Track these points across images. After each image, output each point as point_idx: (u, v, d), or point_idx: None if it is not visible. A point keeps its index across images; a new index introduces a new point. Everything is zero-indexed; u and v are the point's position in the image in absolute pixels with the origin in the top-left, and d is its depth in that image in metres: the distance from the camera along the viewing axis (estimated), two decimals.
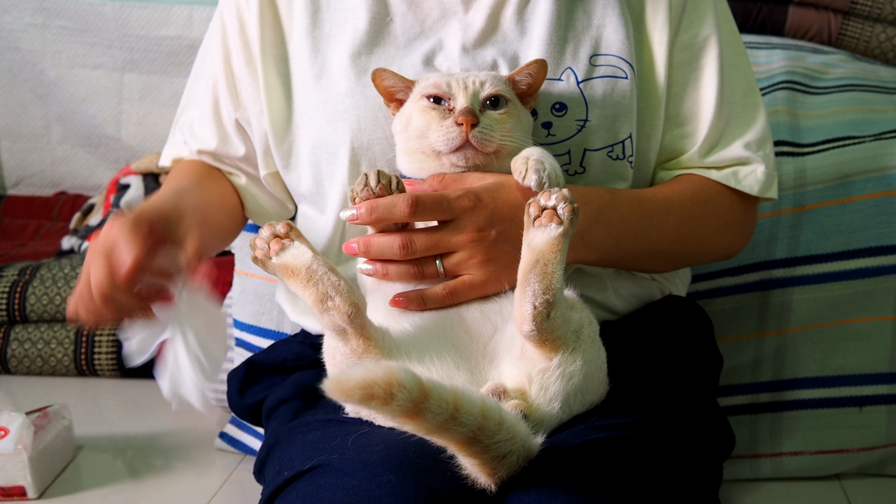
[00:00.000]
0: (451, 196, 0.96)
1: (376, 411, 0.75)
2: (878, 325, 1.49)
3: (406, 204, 0.93)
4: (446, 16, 1.14)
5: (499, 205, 0.98)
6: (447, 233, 0.96)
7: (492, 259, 0.98)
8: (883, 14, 2.01)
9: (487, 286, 0.98)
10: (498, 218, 0.97)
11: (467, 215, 0.96)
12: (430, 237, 0.96)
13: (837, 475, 1.49)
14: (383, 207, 0.94)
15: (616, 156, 1.12)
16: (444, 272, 0.98)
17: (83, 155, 2.74)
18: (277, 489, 0.96)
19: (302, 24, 1.15)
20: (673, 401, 1.06)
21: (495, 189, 0.98)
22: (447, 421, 0.77)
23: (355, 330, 0.90)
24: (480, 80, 1.02)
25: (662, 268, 1.19)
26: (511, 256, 0.97)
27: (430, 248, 0.96)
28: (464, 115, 0.99)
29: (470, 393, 0.80)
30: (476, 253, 0.97)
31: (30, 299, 2.05)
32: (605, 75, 1.11)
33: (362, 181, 0.95)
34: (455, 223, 0.96)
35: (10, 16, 2.66)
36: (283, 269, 0.91)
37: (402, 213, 0.93)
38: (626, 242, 1.08)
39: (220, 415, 1.79)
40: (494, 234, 0.97)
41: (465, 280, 0.98)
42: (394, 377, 0.74)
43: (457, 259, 0.97)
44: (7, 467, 1.45)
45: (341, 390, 0.73)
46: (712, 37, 1.16)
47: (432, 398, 0.76)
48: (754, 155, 1.18)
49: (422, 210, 0.94)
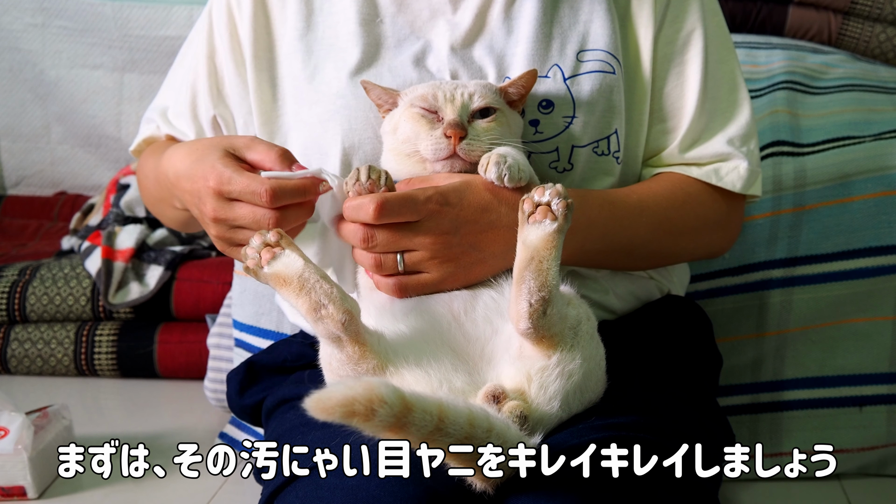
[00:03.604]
0: (418, 198, 0.96)
1: (359, 427, 0.75)
2: (878, 325, 1.49)
3: (372, 207, 0.94)
4: (435, 16, 1.14)
5: (464, 207, 0.98)
6: (411, 233, 0.97)
7: (451, 260, 0.98)
8: (883, 14, 2.01)
9: (443, 285, 0.99)
10: (462, 221, 0.98)
11: (433, 218, 0.97)
12: (393, 235, 0.97)
13: (837, 475, 1.49)
14: (351, 208, 0.96)
15: (601, 151, 1.12)
16: (403, 267, 0.98)
17: (83, 155, 2.74)
18: (277, 489, 0.96)
19: (296, 28, 1.16)
20: (672, 401, 1.06)
21: (462, 190, 0.99)
22: (433, 432, 0.77)
23: (350, 337, 0.90)
24: (469, 92, 1.03)
25: (637, 266, 1.18)
26: (471, 258, 0.99)
27: (391, 245, 0.97)
28: (452, 128, 1.00)
29: (455, 403, 0.80)
30: (437, 254, 0.98)
31: (30, 299, 2.05)
32: (593, 70, 1.11)
33: (354, 175, 0.97)
34: (420, 224, 0.97)
35: (10, 16, 2.66)
36: (275, 278, 0.90)
37: (367, 216, 0.95)
38: (593, 244, 1.08)
39: (220, 415, 1.79)
40: (458, 237, 0.98)
41: (420, 279, 0.99)
42: (374, 393, 0.74)
43: (418, 257, 0.98)
44: (7, 467, 1.45)
45: (322, 409, 0.73)
46: (697, 31, 1.16)
47: (415, 411, 0.76)
48: (737, 151, 1.17)
49: (388, 213, 0.95)
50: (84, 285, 2.06)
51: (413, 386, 0.89)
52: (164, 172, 1.10)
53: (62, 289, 2.06)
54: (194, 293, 2.04)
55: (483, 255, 0.99)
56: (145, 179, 1.25)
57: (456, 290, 1.00)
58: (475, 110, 1.03)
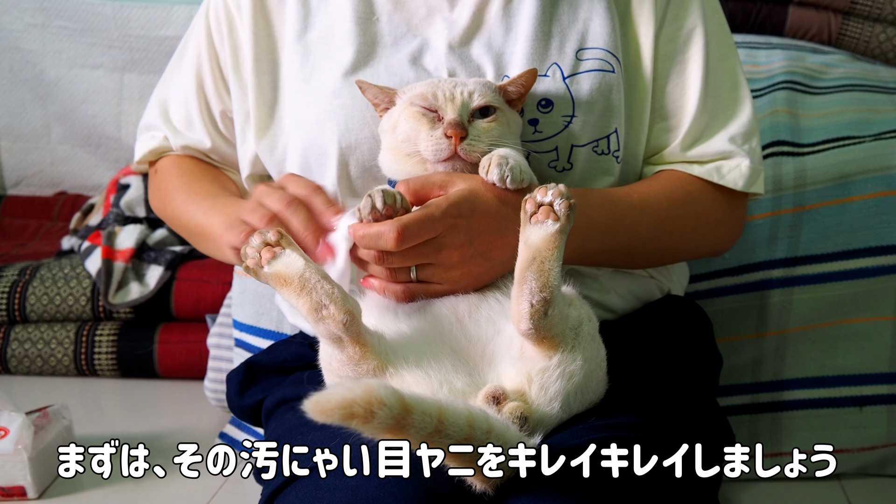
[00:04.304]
0: (435, 216, 0.95)
1: (358, 429, 0.75)
2: (878, 325, 1.49)
3: (393, 236, 0.92)
4: (432, 14, 1.13)
5: (476, 217, 0.97)
6: (428, 248, 0.96)
7: (465, 271, 0.98)
8: (883, 14, 2.01)
9: (451, 293, 0.99)
10: (476, 232, 0.97)
11: (450, 233, 0.96)
12: (410, 252, 0.95)
13: (837, 475, 1.49)
14: (370, 237, 0.93)
15: (601, 151, 1.12)
16: (416, 277, 0.98)
17: (83, 155, 2.74)
18: (277, 489, 0.96)
19: (294, 29, 1.15)
20: (672, 401, 1.05)
21: (472, 200, 0.97)
22: (432, 434, 0.77)
23: (351, 337, 0.89)
24: (469, 91, 1.02)
25: (638, 265, 1.18)
26: (482, 268, 0.99)
27: (408, 262, 0.96)
28: (453, 128, 0.99)
29: (455, 404, 0.80)
30: (453, 266, 0.98)
31: (30, 299, 2.05)
32: (592, 69, 1.11)
33: (368, 204, 0.94)
34: (439, 240, 0.96)
35: (10, 16, 2.66)
36: (275, 278, 0.90)
37: (388, 244, 0.93)
38: (594, 244, 1.07)
39: (220, 415, 1.79)
40: (472, 248, 0.97)
41: (429, 288, 0.99)
42: (373, 395, 0.74)
43: (431, 271, 0.98)
44: (7, 467, 1.45)
45: (321, 411, 0.72)
46: (698, 28, 1.16)
47: (415, 413, 0.76)
48: (739, 149, 1.16)
49: (409, 239, 0.93)
50: (84, 285, 2.06)
51: (413, 387, 0.89)
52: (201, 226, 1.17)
53: (62, 289, 2.06)
54: (194, 293, 2.04)
55: (493, 264, 0.99)
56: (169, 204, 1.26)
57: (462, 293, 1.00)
58: (475, 109, 1.02)
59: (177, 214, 1.24)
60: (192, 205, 1.20)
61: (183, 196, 1.23)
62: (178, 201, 1.23)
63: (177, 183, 1.25)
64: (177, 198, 1.24)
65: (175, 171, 1.27)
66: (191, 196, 1.21)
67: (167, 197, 1.26)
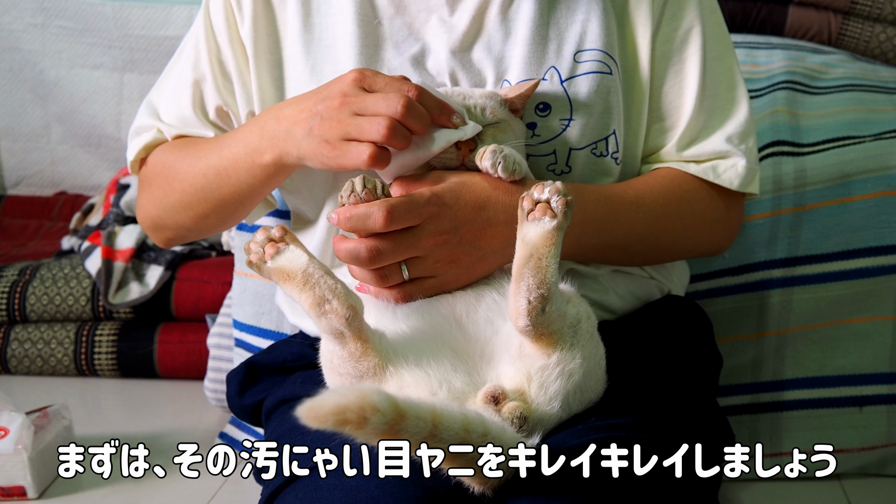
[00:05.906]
0: (419, 201, 0.95)
1: (352, 435, 0.75)
2: (878, 325, 1.49)
3: (381, 215, 0.92)
4: (432, 18, 1.13)
5: (461, 206, 0.98)
6: (413, 238, 0.96)
7: (453, 261, 0.98)
8: (883, 14, 2.01)
9: (446, 286, 0.99)
10: (461, 220, 0.98)
11: (433, 220, 0.96)
12: (397, 244, 0.95)
13: (837, 475, 1.49)
14: (358, 217, 0.93)
15: (600, 153, 1.12)
16: (408, 275, 0.98)
17: (83, 155, 2.74)
18: (277, 489, 0.96)
19: (294, 29, 1.15)
20: (672, 401, 1.05)
21: (457, 189, 0.98)
22: (427, 438, 0.77)
23: (353, 333, 0.89)
24: (481, 107, 1.03)
25: (635, 262, 1.18)
26: (472, 256, 0.98)
27: (396, 255, 0.96)
28: (465, 143, 1.00)
29: (450, 408, 0.80)
30: (440, 256, 0.97)
31: (30, 299, 2.05)
32: (590, 71, 1.11)
33: (349, 187, 0.94)
34: (421, 228, 0.96)
35: (10, 16, 2.67)
36: (278, 272, 0.90)
37: (377, 224, 0.93)
38: (590, 239, 1.08)
39: (220, 415, 1.79)
40: (458, 237, 0.98)
41: (424, 284, 0.98)
42: (367, 401, 0.73)
43: (421, 264, 0.97)
44: (7, 467, 1.45)
45: (314, 417, 0.72)
46: (695, 28, 1.16)
47: (409, 418, 0.75)
48: (735, 149, 1.16)
49: (397, 219, 0.93)
50: (84, 285, 2.06)
51: (413, 386, 0.89)
52: (250, 127, 1.08)
53: (62, 289, 2.06)
54: (194, 293, 2.05)
55: (482, 253, 0.99)
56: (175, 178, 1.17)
57: (459, 292, 1.00)
58: (486, 126, 1.02)
59: (189, 178, 1.14)
60: (206, 156, 1.13)
61: (190, 160, 1.15)
62: (185, 165, 1.15)
63: (178, 155, 1.18)
64: (182, 165, 1.16)
65: (170, 147, 1.20)
66: (199, 150, 1.15)
67: (170, 174, 1.18)
